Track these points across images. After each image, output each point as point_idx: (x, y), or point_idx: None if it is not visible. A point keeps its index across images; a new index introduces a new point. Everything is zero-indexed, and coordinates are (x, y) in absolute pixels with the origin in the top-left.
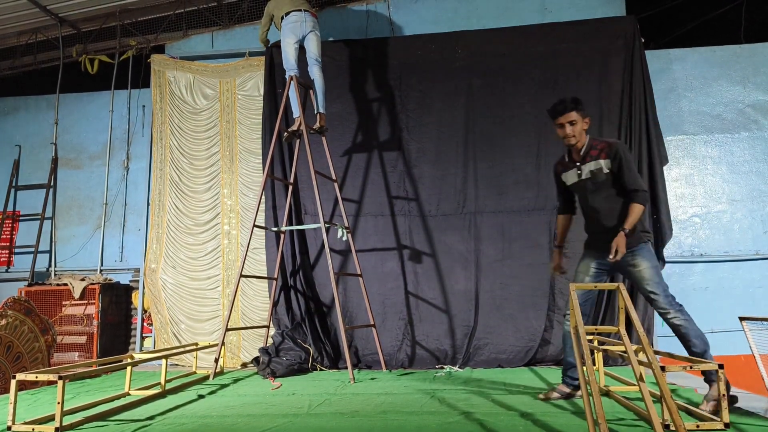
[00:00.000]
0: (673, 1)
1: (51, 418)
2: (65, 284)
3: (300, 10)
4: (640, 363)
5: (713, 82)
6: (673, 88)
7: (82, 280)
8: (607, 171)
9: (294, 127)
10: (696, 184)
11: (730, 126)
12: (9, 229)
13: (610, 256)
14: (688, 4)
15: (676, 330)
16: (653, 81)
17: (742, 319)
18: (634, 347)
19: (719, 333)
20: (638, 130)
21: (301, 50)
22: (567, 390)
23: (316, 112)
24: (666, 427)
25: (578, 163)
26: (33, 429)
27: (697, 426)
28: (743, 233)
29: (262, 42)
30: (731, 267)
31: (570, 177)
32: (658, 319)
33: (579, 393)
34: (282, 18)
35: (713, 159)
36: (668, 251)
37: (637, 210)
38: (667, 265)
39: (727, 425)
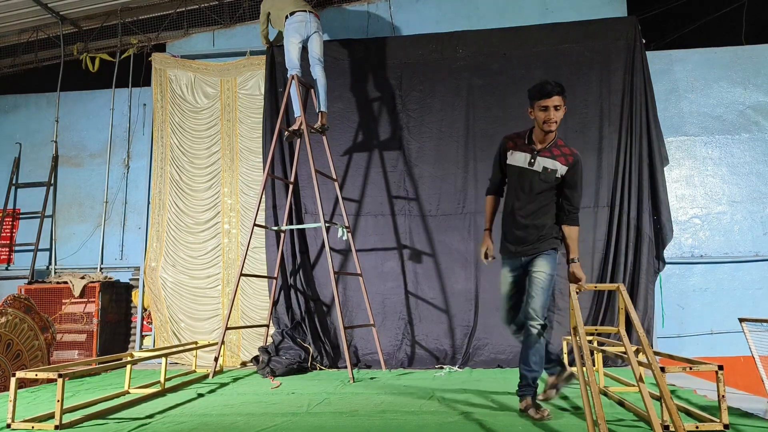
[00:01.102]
0: (674, 2)
1: (51, 416)
2: (65, 282)
3: (304, 11)
4: (640, 364)
5: (714, 84)
6: (674, 89)
7: (82, 278)
8: (559, 177)
9: (295, 127)
10: (696, 186)
11: (730, 127)
12: (9, 226)
13: (577, 289)
14: (689, 5)
15: (527, 340)
16: (654, 82)
17: (741, 320)
18: (634, 348)
19: (719, 334)
20: (639, 131)
21: (303, 50)
22: (553, 380)
23: (317, 111)
24: (665, 428)
25: (535, 152)
26: (33, 427)
27: (697, 427)
28: (743, 235)
29: (263, 36)
30: (731, 268)
31: (519, 159)
32: (658, 320)
33: (566, 373)
34: (286, 18)
35: (714, 160)
36: (668, 252)
37: (576, 233)
38: (667, 266)
39: (726, 426)
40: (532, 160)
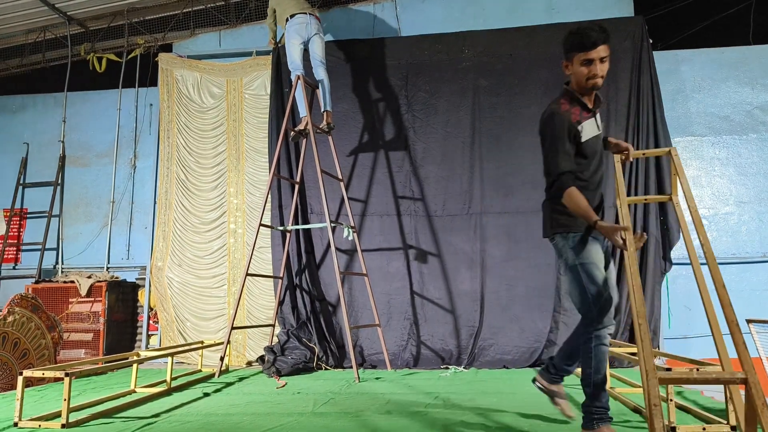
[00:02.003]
0: (681, 2)
1: (57, 415)
2: (72, 282)
3: (305, 13)
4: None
5: (721, 84)
6: (681, 89)
7: (89, 277)
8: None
9: (301, 127)
10: (703, 186)
11: (738, 128)
12: (16, 226)
13: (623, 158)
14: (696, 5)
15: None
16: (661, 82)
17: (749, 321)
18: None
19: (726, 335)
20: (646, 131)
21: (305, 51)
22: (555, 388)
23: (322, 110)
24: (672, 429)
25: (593, 112)
26: (39, 425)
27: (704, 429)
28: (751, 235)
29: (270, 32)
30: (738, 269)
31: (589, 129)
32: (664, 321)
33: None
34: (287, 20)
35: (721, 161)
36: (675, 253)
37: None
38: (674, 266)
39: (733, 428)
40: (597, 123)
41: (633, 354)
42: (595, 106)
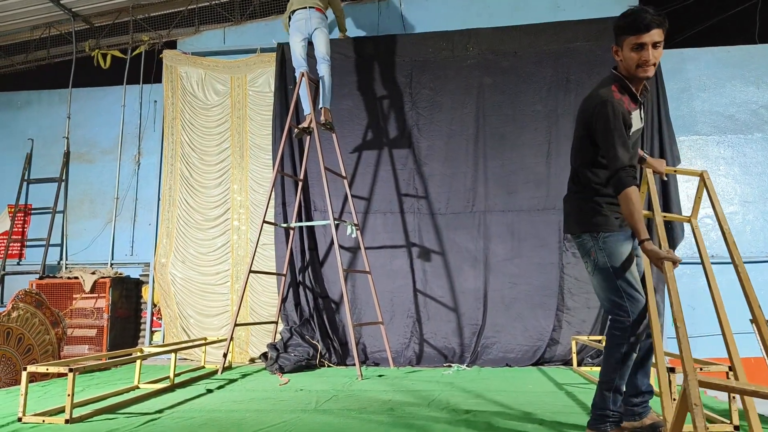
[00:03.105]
0: (686, 0)
1: (61, 410)
2: (76, 277)
3: (305, 8)
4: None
5: (726, 83)
6: (686, 88)
7: (93, 273)
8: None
9: (304, 124)
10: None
11: (743, 127)
12: (21, 222)
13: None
14: (701, 3)
15: (651, 350)
16: (666, 81)
17: (753, 321)
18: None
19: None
20: (650, 130)
21: (311, 45)
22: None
23: (319, 107)
24: None
25: (641, 103)
26: (43, 420)
27: (707, 428)
28: (755, 235)
29: (285, 27)
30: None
31: (636, 120)
32: (668, 320)
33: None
34: (289, 17)
35: (726, 160)
36: (679, 252)
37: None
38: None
39: (736, 428)
40: (642, 116)
41: None
42: (642, 97)
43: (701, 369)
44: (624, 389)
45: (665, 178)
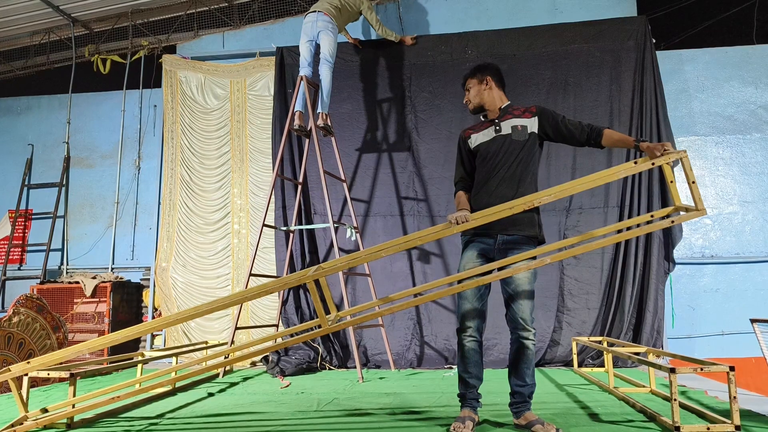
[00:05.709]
0: (684, 1)
1: (63, 415)
2: (77, 282)
3: (314, 11)
4: (652, 365)
5: (725, 83)
6: (685, 88)
7: (94, 278)
8: (532, 131)
9: (297, 121)
10: (707, 185)
11: (741, 127)
12: (21, 227)
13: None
14: (699, 4)
15: (521, 353)
16: (664, 82)
17: (753, 321)
18: (644, 348)
19: (730, 335)
20: (649, 131)
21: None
22: (475, 416)
23: (318, 111)
24: (677, 429)
25: (495, 120)
26: (45, 425)
27: (708, 428)
28: (755, 235)
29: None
30: (742, 269)
31: (483, 136)
32: (668, 321)
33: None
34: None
35: (724, 160)
36: (679, 252)
37: (615, 133)
38: (677, 266)
39: (737, 428)
40: (498, 128)
41: (636, 354)
42: (499, 116)
43: (701, 369)
44: (467, 378)
45: (652, 163)
